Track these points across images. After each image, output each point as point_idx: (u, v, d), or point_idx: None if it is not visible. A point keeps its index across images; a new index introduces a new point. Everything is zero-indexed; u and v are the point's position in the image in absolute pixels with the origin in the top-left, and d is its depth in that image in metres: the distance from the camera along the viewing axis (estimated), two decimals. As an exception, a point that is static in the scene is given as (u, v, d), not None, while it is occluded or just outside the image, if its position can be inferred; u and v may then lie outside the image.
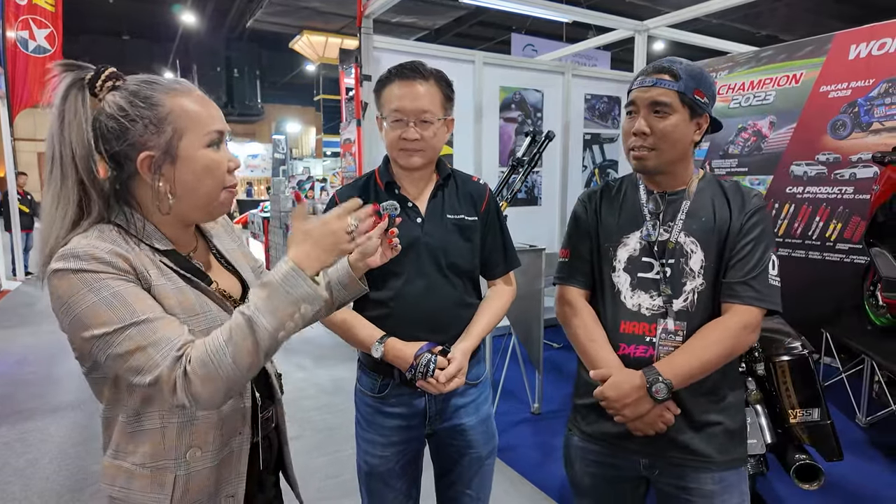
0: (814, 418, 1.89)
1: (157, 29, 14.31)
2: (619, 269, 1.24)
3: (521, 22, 10.03)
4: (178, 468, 0.87)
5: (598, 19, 5.18)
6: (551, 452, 2.78)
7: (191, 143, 0.85)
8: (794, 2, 8.78)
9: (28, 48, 7.01)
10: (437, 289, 1.33)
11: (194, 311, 0.86)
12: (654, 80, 1.16)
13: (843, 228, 3.69)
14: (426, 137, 1.28)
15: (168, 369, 0.77)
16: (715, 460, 1.17)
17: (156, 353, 0.77)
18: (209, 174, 0.87)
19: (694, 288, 1.17)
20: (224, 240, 1.06)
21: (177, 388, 0.77)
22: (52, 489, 2.47)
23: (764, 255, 1.15)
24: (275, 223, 7.55)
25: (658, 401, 1.12)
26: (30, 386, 3.70)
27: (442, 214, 1.36)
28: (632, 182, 1.29)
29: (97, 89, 0.83)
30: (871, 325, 3.13)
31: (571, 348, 1.33)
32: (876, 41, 3.50)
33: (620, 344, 1.21)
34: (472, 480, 1.43)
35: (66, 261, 0.78)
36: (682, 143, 1.17)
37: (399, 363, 1.28)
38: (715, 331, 1.14)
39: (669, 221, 1.21)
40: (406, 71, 1.28)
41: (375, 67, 3.85)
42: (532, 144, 3.38)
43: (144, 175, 0.84)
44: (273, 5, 10.39)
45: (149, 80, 0.86)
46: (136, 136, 0.83)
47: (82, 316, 0.77)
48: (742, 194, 1.19)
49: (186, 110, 0.85)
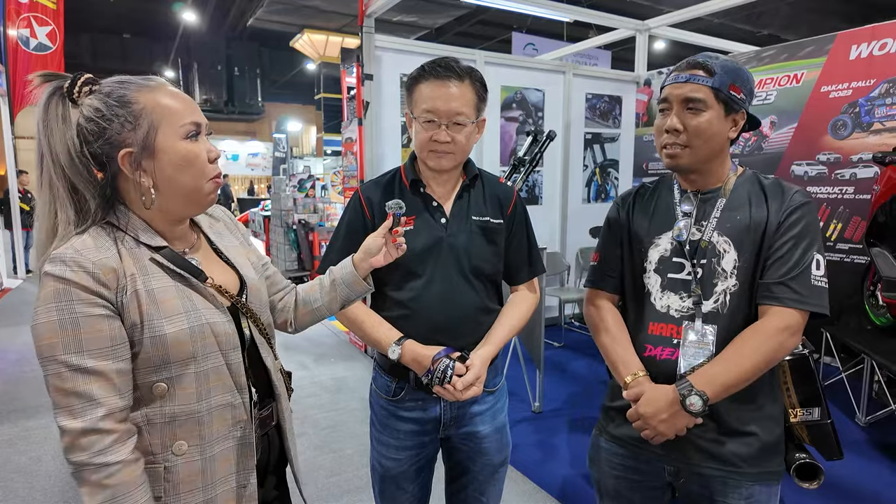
0: (814, 417, 1.89)
1: (157, 27, 14.30)
2: (649, 271, 1.20)
3: (521, 21, 10.02)
4: (165, 460, 0.90)
5: (599, 19, 5.19)
6: (552, 451, 2.79)
7: (167, 136, 0.87)
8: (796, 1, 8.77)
9: (29, 46, 7.02)
10: (459, 292, 1.29)
11: (176, 310, 0.88)
12: (688, 75, 1.11)
13: (843, 228, 3.70)
14: (457, 140, 1.24)
15: (82, 427, 0.81)
16: (744, 472, 1.11)
17: (77, 404, 0.81)
18: (189, 165, 0.90)
19: (726, 289, 1.12)
20: (225, 237, 1.07)
21: (80, 448, 0.81)
22: (55, 486, 2.48)
23: (806, 254, 1.08)
24: (276, 222, 7.56)
25: (694, 414, 1.06)
26: (32, 384, 3.71)
27: (467, 216, 1.32)
28: (666, 183, 1.25)
29: (75, 95, 0.86)
30: (871, 325, 3.14)
31: (572, 347, 1.35)
32: (877, 41, 3.50)
33: (647, 345, 1.17)
34: (484, 487, 1.41)
35: (54, 264, 0.82)
36: (717, 140, 1.13)
37: (416, 367, 1.24)
38: (753, 337, 1.07)
39: (703, 220, 1.16)
40: (440, 69, 1.22)
41: (377, 67, 3.86)
42: (534, 144, 3.39)
43: (126, 171, 0.87)
44: (274, 4, 10.38)
45: (121, 80, 0.89)
46: (114, 134, 0.85)
47: (40, 328, 0.81)
48: (782, 190, 1.13)
49: (160, 104, 0.88)
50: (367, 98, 3.81)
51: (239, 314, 0.99)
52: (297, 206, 7.30)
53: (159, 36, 15.22)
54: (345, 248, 1.31)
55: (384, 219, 1.19)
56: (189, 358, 0.89)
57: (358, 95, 3.90)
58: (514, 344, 3.39)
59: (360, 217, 1.34)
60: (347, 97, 4.42)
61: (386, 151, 4.00)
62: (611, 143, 5.21)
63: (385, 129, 3.98)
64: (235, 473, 0.96)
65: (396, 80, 3.98)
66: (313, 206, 7.38)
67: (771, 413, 1.16)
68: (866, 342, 2.91)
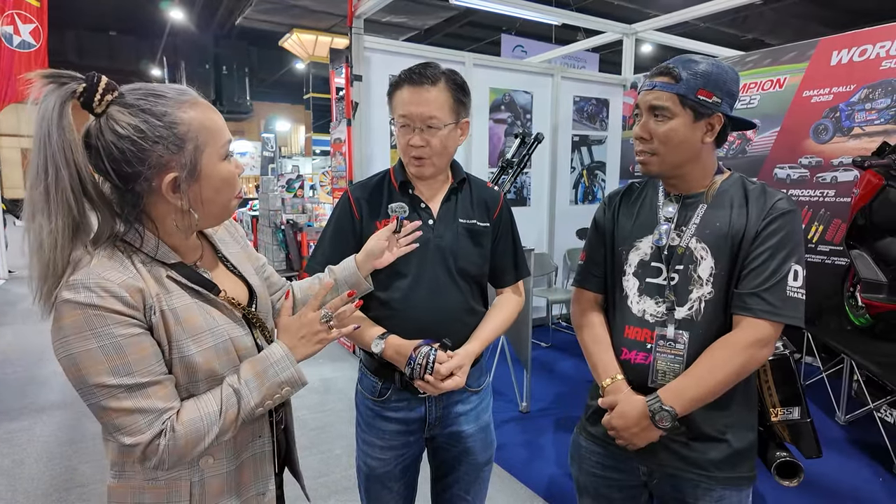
0: (794, 416, 1.93)
1: (144, 25, 14.12)
2: (629, 274, 1.20)
3: (510, 23, 10.07)
4: (192, 475, 0.89)
5: (586, 22, 5.23)
6: (539, 451, 2.81)
7: (210, 159, 0.84)
8: (781, 6, 8.90)
9: (13, 43, 6.91)
10: (445, 292, 1.31)
11: (200, 328, 0.86)
12: (654, 83, 1.11)
13: (824, 230, 3.77)
14: (432, 144, 1.25)
15: (150, 437, 0.79)
16: (714, 476, 1.12)
17: (142, 419, 0.79)
18: (228, 186, 0.88)
19: (701, 296, 1.11)
20: (229, 244, 1.05)
21: (152, 454, 0.80)
22: (38, 489, 2.46)
23: (783, 264, 1.06)
24: (263, 222, 7.51)
25: (664, 429, 1.08)
26: (14, 386, 3.66)
27: (454, 218, 1.34)
28: (653, 185, 1.25)
29: (95, 105, 0.77)
30: (850, 326, 3.20)
31: (559, 348, 1.37)
32: (857, 48, 3.57)
33: (623, 349, 1.19)
34: (469, 486, 1.43)
35: (76, 291, 0.75)
36: (687, 147, 1.11)
37: (399, 360, 1.25)
38: (722, 350, 1.07)
39: (683, 225, 1.15)
40: (415, 75, 1.25)
41: (366, 68, 3.86)
42: (521, 146, 3.41)
43: (168, 196, 0.82)
44: (262, 3, 10.31)
45: (154, 92, 0.81)
46: (157, 156, 0.79)
47: (78, 358, 0.76)
48: (765, 198, 1.10)
49: (204, 125, 0.83)
50: (356, 99, 3.81)
51: (251, 325, 0.98)
52: (285, 206, 7.27)
53: (146, 34, 15.02)
54: (332, 247, 1.34)
55: (372, 219, 1.20)
56: (213, 374, 0.88)
57: (347, 96, 3.89)
58: (502, 344, 3.41)
59: (348, 217, 1.35)
60: (336, 98, 4.41)
61: (375, 152, 4.00)
62: (598, 145, 5.26)
63: (374, 129, 3.98)
64: (255, 482, 0.97)
65: (385, 81, 3.98)
66: (302, 207, 7.35)
67: (744, 419, 1.15)
68: (846, 342, 2.97)
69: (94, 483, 2.51)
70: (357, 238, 1.33)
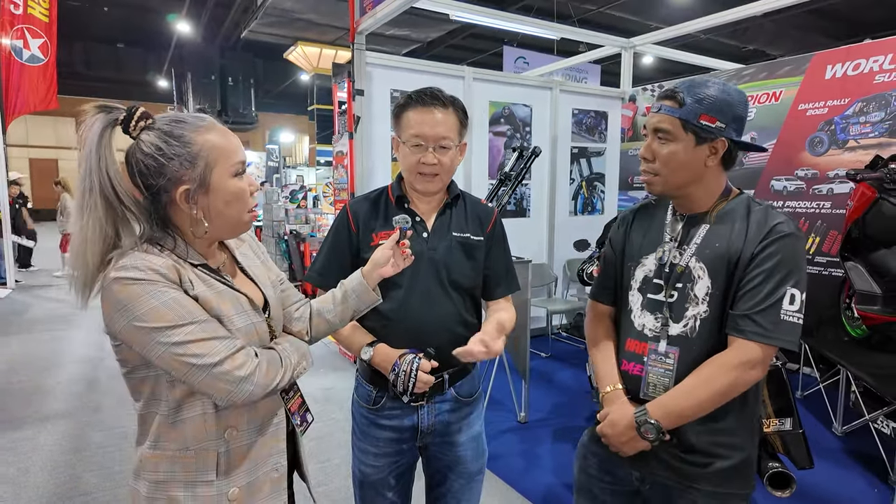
0: (787, 427, 1.96)
1: (152, 37, 14.32)
2: (634, 289, 1.25)
3: (512, 35, 10.18)
4: (219, 447, 0.99)
5: (585, 36, 5.31)
6: (537, 461, 2.83)
7: (220, 175, 0.97)
8: (781, 18, 8.97)
9: (22, 57, 7.05)
10: (438, 303, 1.36)
11: (230, 311, 0.98)
12: (659, 105, 1.15)
13: (821, 242, 3.80)
14: (443, 162, 1.33)
15: (232, 352, 0.92)
16: (701, 489, 1.14)
17: (219, 344, 0.91)
18: (237, 200, 1.00)
19: (696, 314, 1.14)
20: (248, 256, 1.16)
21: (242, 369, 0.92)
22: (42, 498, 2.49)
23: (778, 288, 1.06)
24: (267, 232, 7.58)
25: (650, 440, 1.12)
26: (19, 395, 3.71)
27: (448, 231, 1.40)
28: (665, 203, 1.28)
29: (131, 129, 0.93)
30: (847, 337, 3.22)
31: (559, 358, 1.42)
32: (851, 62, 3.62)
33: (623, 360, 1.25)
34: (461, 495, 1.46)
35: (127, 271, 0.88)
36: (689, 169, 1.14)
37: (386, 367, 1.30)
38: (710, 368, 1.10)
39: (685, 245, 1.18)
40: (425, 97, 1.33)
41: (368, 82, 3.93)
42: (519, 159, 3.47)
43: (182, 205, 0.95)
44: (268, 16, 10.46)
45: (177, 118, 0.96)
46: (173, 171, 0.93)
47: (143, 315, 0.87)
48: (766, 220, 1.11)
49: (215, 145, 0.96)
50: (357, 113, 3.87)
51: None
52: (288, 216, 7.34)
53: (153, 46, 15.22)
54: (328, 258, 1.40)
55: (369, 232, 1.25)
56: None
57: (349, 110, 3.96)
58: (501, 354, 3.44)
59: (345, 230, 1.41)
60: (339, 111, 4.48)
61: (376, 165, 4.06)
62: (597, 157, 5.31)
63: (375, 143, 4.04)
64: (270, 456, 1.07)
65: (387, 95, 4.06)
66: (305, 217, 7.42)
67: (738, 437, 1.16)
68: (843, 353, 2.98)
69: (97, 492, 2.54)
70: (353, 250, 1.39)
